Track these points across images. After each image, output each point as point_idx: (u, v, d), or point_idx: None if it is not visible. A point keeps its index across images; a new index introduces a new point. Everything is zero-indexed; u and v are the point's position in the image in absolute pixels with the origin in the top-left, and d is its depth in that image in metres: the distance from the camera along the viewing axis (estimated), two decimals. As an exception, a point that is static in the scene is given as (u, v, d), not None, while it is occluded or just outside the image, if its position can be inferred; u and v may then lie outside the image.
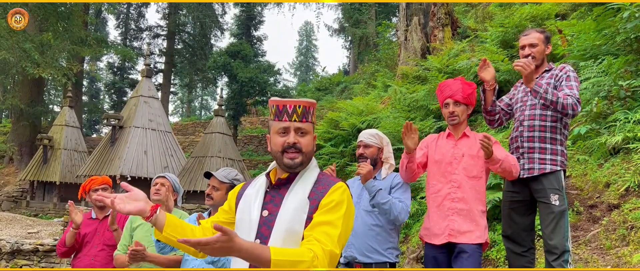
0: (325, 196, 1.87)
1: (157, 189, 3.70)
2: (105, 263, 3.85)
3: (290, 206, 1.85)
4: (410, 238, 6.19)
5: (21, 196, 19.37)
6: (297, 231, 1.82)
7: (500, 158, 3.13)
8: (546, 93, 3.20)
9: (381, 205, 3.15)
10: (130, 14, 33.11)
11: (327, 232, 1.78)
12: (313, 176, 1.95)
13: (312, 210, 1.85)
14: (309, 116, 1.95)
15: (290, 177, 1.94)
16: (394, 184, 3.34)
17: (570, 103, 3.17)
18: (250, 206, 1.93)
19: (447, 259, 3.21)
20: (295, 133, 1.91)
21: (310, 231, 1.80)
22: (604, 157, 5.05)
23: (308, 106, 1.95)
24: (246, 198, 1.98)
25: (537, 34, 3.48)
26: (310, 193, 1.89)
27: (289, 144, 1.89)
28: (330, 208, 1.84)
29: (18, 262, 9.22)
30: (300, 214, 1.83)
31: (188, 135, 26.36)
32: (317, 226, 1.80)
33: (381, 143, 3.45)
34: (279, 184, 1.95)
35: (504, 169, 3.18)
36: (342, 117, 9.60)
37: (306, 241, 1.78)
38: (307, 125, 1.94)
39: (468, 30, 11.31)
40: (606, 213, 4.41)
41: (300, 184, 1.92)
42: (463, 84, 3.34)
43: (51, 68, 16.65)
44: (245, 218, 1.92)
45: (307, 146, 1.92)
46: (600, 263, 3.89)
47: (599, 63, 5.95)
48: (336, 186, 1.91)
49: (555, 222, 3.18)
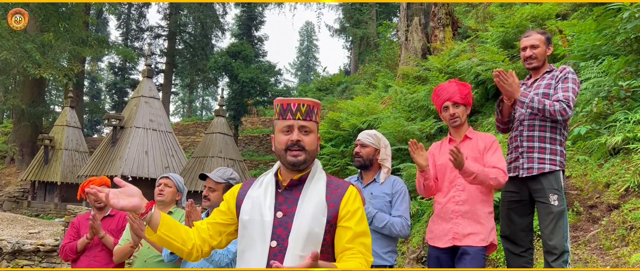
0: (344, 200, 1.92)
1: (161, 189, 3.69)
2: (105, 263, 3.84)
3: (308, 208, 1.87)
4: (411, 238, 6.19)
5: (22, 197, 19.41)
6: (318, 234, 1.84)
7: (474, 170, 3.02)
8: (532, 102, 3.23)
9: (380, 229, 3.17)
10: (131, 14, 33.15)
11: (364, 243, 1.88)
12: (323, 179, 1.97)
13: (331, 214, 1.89)
14: (312, 115, 1.96)
15: (302, 178, 1.95)
16: (394, 191, 3.31)
17: (558, 109, 3.19)
18: (261, 207, 1.92)
19: (450, 260, 3.21)
20: (299, 131, 1.92)
21: (352, 244, 1.86)
22: (604, 157, 5.04)
23: (312, 105, 1.96)
24: (254, 199, 1.96)
25: (538, 35, 3.47)
26: (326, 195, 1.91)
27: (293, 141, 1.90)
28: (360, 216, 1.91)
29: (19, 262, 9.23)
30: (320, 218, 1.86)
31: (189, 135, 26.39)
32: (356, 237, 1.87)
33: (378, 144, 3.41)
34: (291, 185, 1.95)
35: (480, 182, 3.08)
36: (342, 117, 9.59)
37: (351, 254, 1.84)
38: (311, 124, 1.95)
39: (469, 31, 11.30)
40: (606, 213, 4.41)
41: (313, 186, 1.93)
42: (459, 85, 3.33)
43: (52, 68, 16.65)
44: (257, 218, 1.90)
45: (311, 144, 1.93)
46: (599, 264, 3.89)
47: (599, 63, 5.95)
48: (352, 190, 1.96)
49: (555, 222, 3.18)
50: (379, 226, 3.15)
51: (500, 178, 3.12)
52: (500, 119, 3.61)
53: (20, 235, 10.57)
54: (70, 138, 18.95)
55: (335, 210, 1.89)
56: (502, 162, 3.21)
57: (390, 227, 3.16)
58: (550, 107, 3.20)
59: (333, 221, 1.89)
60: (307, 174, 1.96)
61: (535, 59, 3.45)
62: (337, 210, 1.90)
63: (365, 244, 1.88)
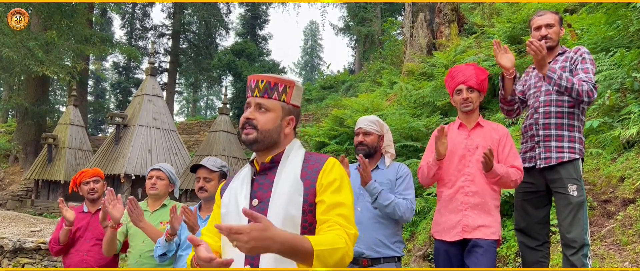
0: (320, 174, 1.74)
1: (153, 183, 3.58)
2: (98, 258, 3.71)
3: (283, 190, 1.70)
4: (417, 236, 6.05)
5: (26, 195, 19.35)
6: (295, 216, 1.68)
7: (500, 173, 2.92)
8: (560, 79, 2.99)
9: (384, 207, 2.98)
10: (136, 13, 33.10)
11: (343, 214, 1.68)
12: (299, 157, 1.80)
13: (308, 191, 1.72)
14: (273, 92, 1.78)
15: (274, 160, 1.79)
16: (399, 175, 3.13)
17: (586, 89, 2.98)
18: (237, 197, 1.76)
19: (460, 254, 3.02)
20: (255, 109, 1.77)
21: (327, 216, 1.67)
22: (618, 151, 4.90)
23: (274, 81, 1.79)
24: (231, 190, 1.81)
25: (553, 14, 3.30)
26: (301, 173, 1.75)
27: (244, 119, 1.76)
28: (336, 187, 1.72)
29: (20, 260, 9.14)
30: (296, 197, 1.69)
31: (193, 134, 26.29)
32: (331, 209, 1.68)
33: (381, 130, 3.23)
34: (264, 169, 1.80)
35: (502, 183, 3.00)
36: (347, 114, 9.46)
37: (327, 226, 1.66)
38: (270, 102, 1.77)
39: (474, 27, 11.15)
40: (621, 208, 4.26)
41: (287, 166, 1.77)
42: (476, 69, 3.16)
43: (55, 66, 16.57)
44: (233, 210, 1.75)
45: (265, 123, 1.75)
46: (617, 259, 3.74)
47: (611, 56, 5.80)
48: (330, 161, 1.78)
49: (573, 214, 2.99)
50: (384, 203, 2.96)
51: (518, 179, 3.00)
52: (503, 96, 3.41)
53: (22, 233, 10.48)
54: (74, 136, 18.89)
55: (312, 187, 1.72)
56: (518, 159, 3.07)
57: (395, 207, 2.96)
58: (579, 87, 2.98)
59: (311, 199, 1.72)
60: (281, 155, 1.80)
61: (550, 39, 3.24)
62: (314, 187, 1.73)
63: (344, 215, 1.68)
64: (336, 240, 1.58)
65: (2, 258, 9.19)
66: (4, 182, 20.79)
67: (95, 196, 3.92)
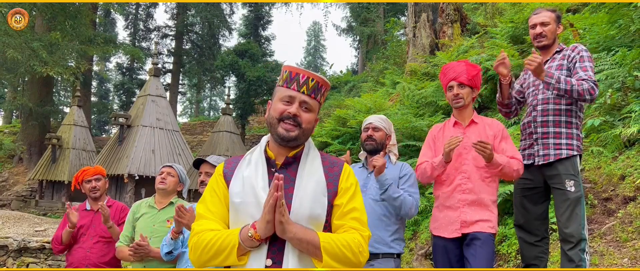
0: (341, 178, 1.81)
1: (163, 178, 3.63)
2: (100, 255, 3.77)
3: (309, 189, 1.72)
4: (419, 235, 6.08)
5: (30, 196, 19.43)
6: (319, 216, 1.71)
7: (501, 162, 2.95)
8: (559, 83, 3.03)
9: (393, 200, 3.02)
10: (139, 14, 33.20)
11: (358, 219, 1.76)
12: (317, 156, 1.84)
13: (331, 193, 1.77)
14: (318, 93, 1.81)
15: (296, 156, 1.81)
16: (403, 174, 3.18)
17: (587, 88, 3.01)
18: (255, 188, 1.72)
19: (457, 249, 3.05)
20: (300, 106, 1.77)
21: (342, 221, 1.75)
22: (619, 149, 4.91)
23: (321, 83, 1.81)
24: (245, 179, 1.77)
25: (548, 12, 3.34)
26: (324, 174, 1.78)
27: (290, 114, 1.75)
28: (352, 193, 1.80)
29: (25, 260, 9.20)
30: (321, 198, 1.73)
31: (196, 135, 26.38)
32: (347, 214, 1.76)
33: (389, 129, 3.31)
34: (286, 163, 1.80)
35: (504, 174, 3.03)
36: (349, 114, 9.48)
37: (342, 231, 1.73)
38: (314, 102, 1.80)
39: (477, 27, 11.16)
40: (621, 205, 4.28)
41: (310, 163, 1.79)
42: (467, 65, 3.19)
43: (59, 67, 16.63)
44: (251, 201, 1.71)
45: (308, 122, 1.78)
46: (616, 256, 3.76)
47: (612, 55, 5.81)
48: (346, 168, 1.85)
49: (571, 209, 3.03)
50: (394, 196, 3.01)
51: (520, 169, 3.04)
52: (501, 100, 3.47)
53: (26, 233, 10.53)
54: (78, 137, 18.96)
55: (334, 189, 1.77)
56: (516, 151, 3.11)
57: (402, 201, 3.02)
58: (579, 87, 3.01)
59: (332, 201, 1.76)
60: (301, 151, 1.82)
61: (544, 37, 3.30)
62: (336, 189, 1.78)
63: (358, 218, 1.75)
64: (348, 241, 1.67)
65: (6, 257, 9.25)
66: (8, 182, 20.88)
67: (97, 195, 3.98)
